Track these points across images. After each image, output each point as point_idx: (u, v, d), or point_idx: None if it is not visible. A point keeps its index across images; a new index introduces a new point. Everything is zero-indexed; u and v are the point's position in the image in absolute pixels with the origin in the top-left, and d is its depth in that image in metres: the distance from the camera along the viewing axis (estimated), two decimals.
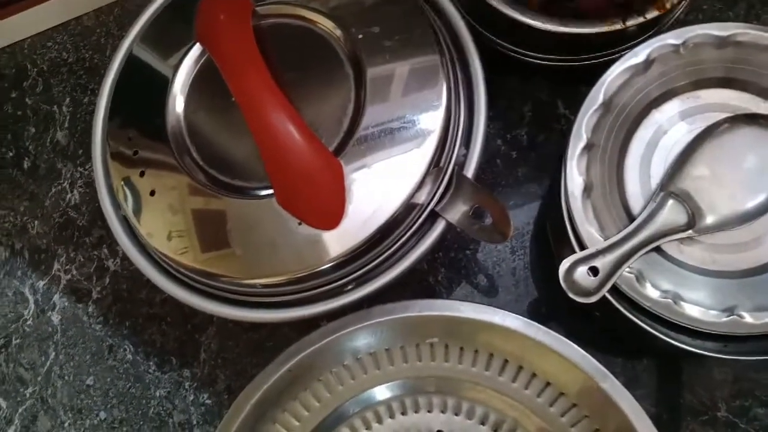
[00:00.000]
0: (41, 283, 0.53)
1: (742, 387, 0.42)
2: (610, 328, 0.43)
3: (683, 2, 0.40)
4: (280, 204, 0.34)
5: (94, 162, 0.41)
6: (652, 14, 0.38)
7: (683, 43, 0.35)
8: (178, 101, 0.38)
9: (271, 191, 0.35)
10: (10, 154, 0.58)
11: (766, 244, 0.34)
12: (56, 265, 0.53)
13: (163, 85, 0.39)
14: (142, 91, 0.40)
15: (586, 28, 0.39)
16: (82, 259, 0.53)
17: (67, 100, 0.58)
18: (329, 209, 0.34)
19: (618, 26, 0.38)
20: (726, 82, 0.36)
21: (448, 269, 0.48)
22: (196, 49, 0.39)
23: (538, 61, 0.44)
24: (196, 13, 0.39)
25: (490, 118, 0.49)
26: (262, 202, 0.35)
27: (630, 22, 0.38)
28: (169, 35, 0.41)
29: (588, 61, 0.43)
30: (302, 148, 0.33)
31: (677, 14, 0.42)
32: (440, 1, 0.39)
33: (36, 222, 0.55)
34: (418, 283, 0.47)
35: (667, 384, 0.43)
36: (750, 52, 0.35)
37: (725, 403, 0.42)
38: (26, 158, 0.57)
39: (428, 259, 0.48)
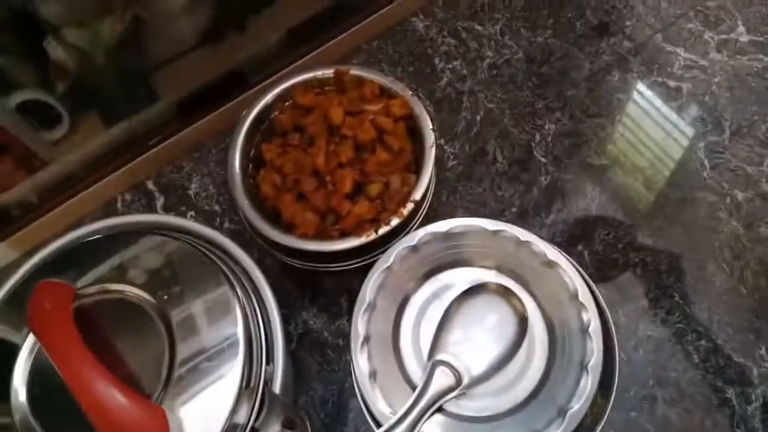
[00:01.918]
0: None
1: None
2: None
3: (422, 207, 0.51)
4: None
5: None
6: (395, 221, 0.49)
7: (417, 243, 0.46)
8: (20, 387, 0.44)
9: None
10: None
11: (520, 384, 0.42)
12: None
13: (8, 371, 0.44)
14: None
15: (349, 244, 0.49)
16: None
17: None
18: None
19: (374, 236, 0.48)
20: (458, 263, 0.46)
21: None
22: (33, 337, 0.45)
23: (335, 269, 0.53)
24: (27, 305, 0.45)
25: (315, 314, 0.58)
26: None
27: (382, 231, 0.49)
28: (12, 323, 0.47)
29: (372, 258, 0.52)
30: (127, 410, 0.39)
31: (422, 213, 0.53)
32: (232, 250, 0.48)
33: None
34: None
35: None
36: (464, 237, 0.46)
37: None
38: None
39: None
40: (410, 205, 0.49)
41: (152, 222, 0.52)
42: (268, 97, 0.57)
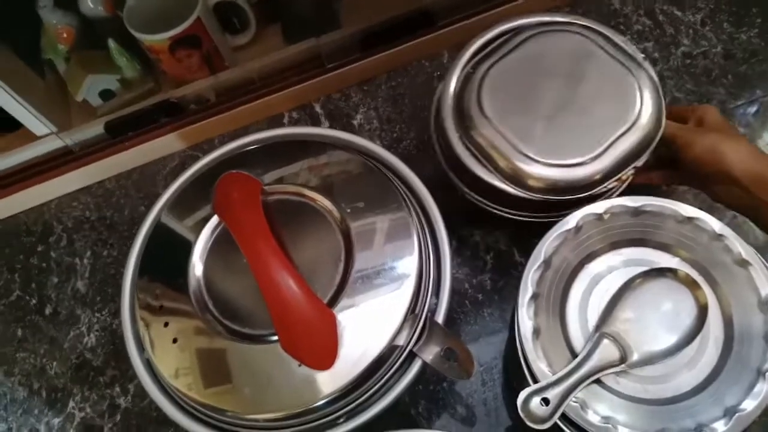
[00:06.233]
0: (56, 421, 0.57)
1: None
2: None
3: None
4: (283, 348, 0.41)
5: (123, 312, 0.47)
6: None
7: (604, 212, 0.45)
8: (198, 264, 0.46)
9: (276, 337, 0.42)
10: (34, 301, 0.64)
11: (685, 375, 0.41)
12: (71, 404, 0.58)
13: (187, 248, 0.47)
14: (168, 253, 0.48)
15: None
16: (95, 398, 0.58)
17: (88, 253, 0.66)
18: (325, 353, 0.41)
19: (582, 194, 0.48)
20: (640, 242, 0.45)
21: (427, 401, 0.54)
22: (214, 220, 0.48)
23: (500, 214, 0.53)
24: (214, 191, 0.48)
25: (458, 265, 0.59)
26: (268, 346, 0.42)
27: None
28: (192, 207, 0.49)
29: (539, 219, 0.52)
30: (303, 304, 0.41)
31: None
32: (412, 181, 0.49)
33: (54, 363, 0.60)
34: (401, 415, 0.53)
35: None
36: (655, 218, 0.45)
37: None
38: (48, 305, 0.64)
39: (410, 392, 0.54)
40: (631, 171, 0.48)
41: (335, 137, 0.53)
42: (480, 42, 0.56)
